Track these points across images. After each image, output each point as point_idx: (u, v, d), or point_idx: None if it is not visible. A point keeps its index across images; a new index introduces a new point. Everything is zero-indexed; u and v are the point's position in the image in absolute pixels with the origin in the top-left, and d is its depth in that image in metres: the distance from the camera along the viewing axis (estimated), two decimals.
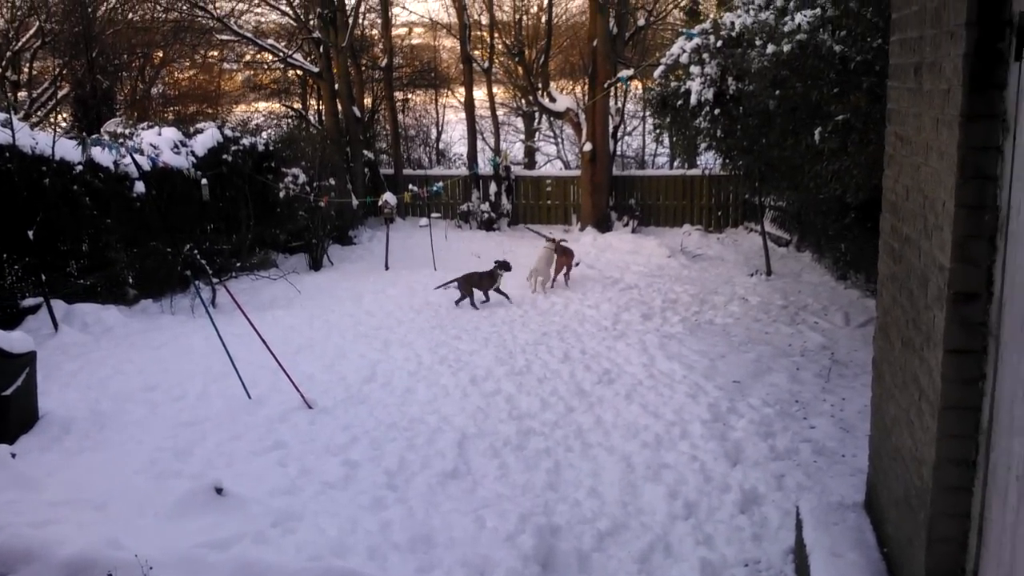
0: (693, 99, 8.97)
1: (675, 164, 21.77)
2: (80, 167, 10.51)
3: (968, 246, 2.77)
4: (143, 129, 12.60)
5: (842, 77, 7.24)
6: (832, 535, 3.93)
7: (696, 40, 9.22)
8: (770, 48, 7.85)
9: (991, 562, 2.77)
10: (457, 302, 11.07)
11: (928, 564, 3.03)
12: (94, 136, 11.43)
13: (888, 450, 3.76)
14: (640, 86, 19.35)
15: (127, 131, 12.46)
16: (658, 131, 12.28)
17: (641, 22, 19.24)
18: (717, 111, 8.90)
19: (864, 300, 10.18)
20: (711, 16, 10.63)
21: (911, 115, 3.42)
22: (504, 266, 11.21)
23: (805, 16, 7.62)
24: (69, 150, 10.45)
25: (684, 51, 9.32)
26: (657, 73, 10.35)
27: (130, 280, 11.08)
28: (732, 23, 8.80)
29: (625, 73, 14.43)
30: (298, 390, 7.19)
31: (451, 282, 11.15)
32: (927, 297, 3.09)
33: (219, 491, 5.12)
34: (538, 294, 11.86)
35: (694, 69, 9.09)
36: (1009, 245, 2.64)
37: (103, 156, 10.87)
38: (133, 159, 9.40)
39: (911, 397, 3.30)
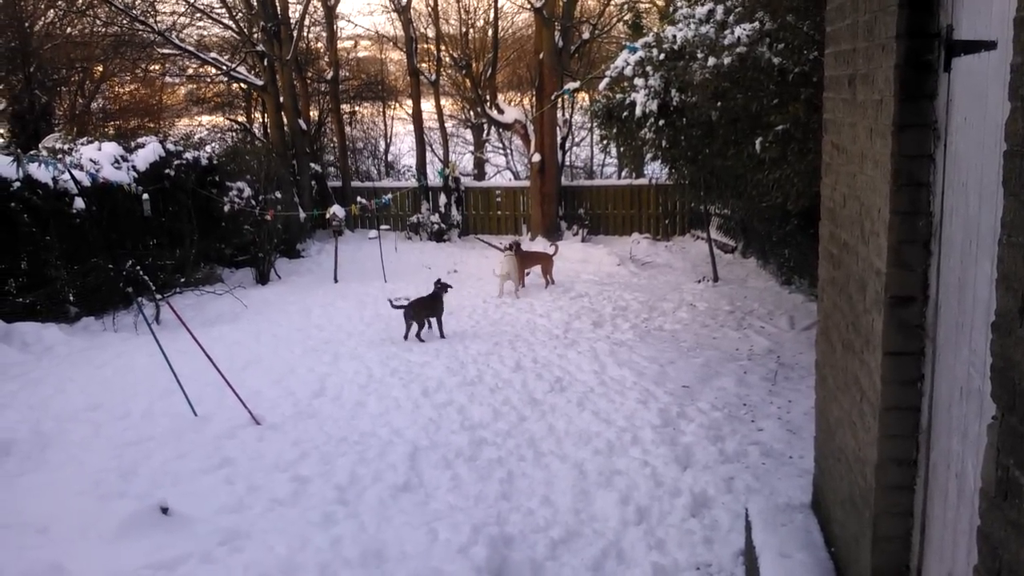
0: (638, 111, 9.08)
1: (623, 174, 21.99)
2: (18, 184, 10.24)
3: (903, 251, 2.85)
4: (83, 144, 12.31)
5: (781, 88, 7.40)
6: (780, 536, 3.99)
7: (639, 53, 9.35)
8: (711, 61, 7.99)
9: (934, 558, 2.84)
10: (405, 336, 9.92)
11: (874, 562, 3.09)
12: (31, 152, 11.13)
13: (832, 451, 3.84)
14: (586, 98, 19.53)
15: (66, 147, 12.16)
16: (605, 142, 12.39)
17: (586, 35, 19.44)
18: (661, 122, 9.02)
19: (808, 304, 10.39)
20: (654, 30, 10.79)
21: (846, 125, 3.51)
22: (445, 287, 10.19)
23: (744, 29, 7.78)
24: (5, 167, 10.17)
25: (628, 64, 9.44)
26: (602, 85, 10.46)
27: (71, 297, 10.81)
28: (674, 36, 8.94)
29: (571, 85, 14.54)
30: (245, 406, 7.07)
31: (400, 306, 10.01)
32: (865, 301, 3.17)
33: (165, 511, 5.04)
34: (504, 299, 12.10)
35: (638, 81, 9.21)
36: (943, 250, 2.72)
37: (41, 172, 10.60)
38: (71, 175, 9.16)
39: (853, 399, 3.38)
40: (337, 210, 15.35)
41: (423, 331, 10.03)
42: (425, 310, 10.03)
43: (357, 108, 23.90)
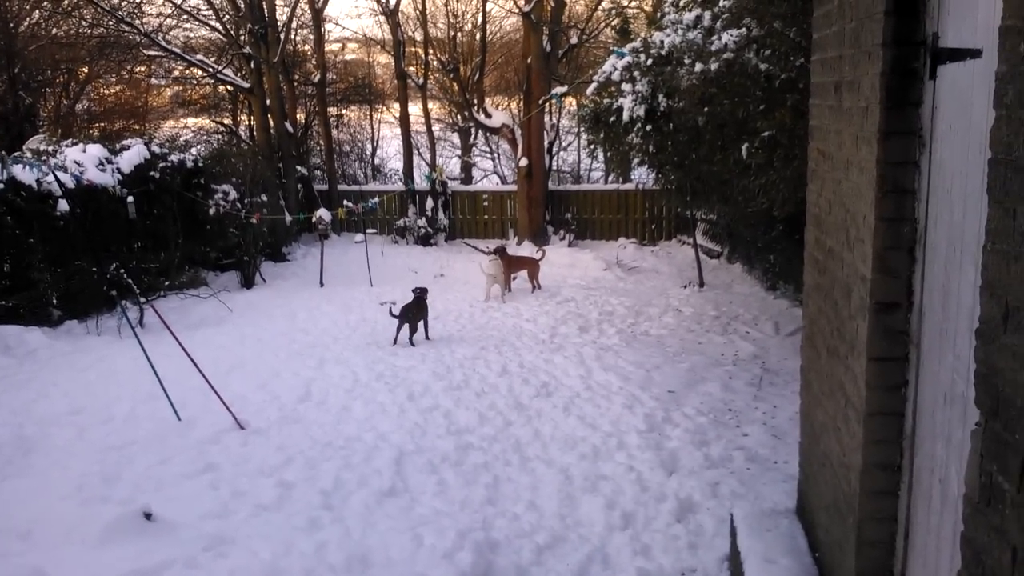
0: (625, 116, 9.12)
1: (610, 179, 22.04)
2: (1, 185, 10.16)
3: (888, 257, 2.86)
4: (67, 146, 12.22)
5: (767, 94, 7.44)
6: (765, 541, 4.00)
7: (627, 58, 9.39)
8: (698, 66, 8.02)
9: (918, 563, 2.85)
10: (395, 339, 9.95)
11: (858, 567, 3.10)
12: (15, 154, 11.05)
13: (817, 456, 3.86)
14: (574, 102, 19.57)
15: (50, 148, 12.07)
16: (592, 147, 12.42)
17: (574, 40, 19.49)
18: (649, 127, 9.05)
19: (793, 310, 10.43)
20: (641, 35, 10.83)
21: (832, 132, 3.53)
22: (424, 292, 10.17)
23: (731, 36, 7.81)
24: None
25: (616, 69, 9.48)
26: (590, 90, 10.50)
27: (54, 301, 10.72)
28: (661, 42, 8.98)
29: (559, 90, 14.60)
30: (230, 411, 7.03)
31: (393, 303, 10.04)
32: (850, 307, 3.18)
33: (148, 516, 4.99)
34: (490, 304, 12.08)
35: (626, 86, 9.25)
36: (927, 256, 2.74)
37: (25, 174, 10.51)
38: (56, 177, 9.12)
39: (838, 404, 3.39)
40: (323, 213, 15.32)
41: (414, 335, 10.02)
42: (414, 316, 10.04)
43: (344, 111, 23.85)
